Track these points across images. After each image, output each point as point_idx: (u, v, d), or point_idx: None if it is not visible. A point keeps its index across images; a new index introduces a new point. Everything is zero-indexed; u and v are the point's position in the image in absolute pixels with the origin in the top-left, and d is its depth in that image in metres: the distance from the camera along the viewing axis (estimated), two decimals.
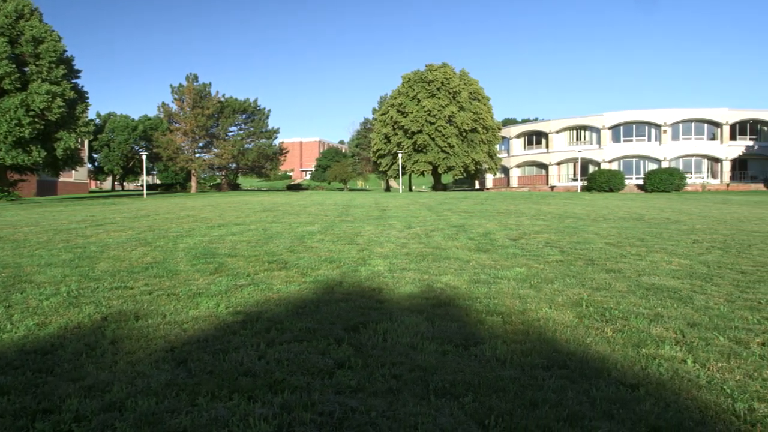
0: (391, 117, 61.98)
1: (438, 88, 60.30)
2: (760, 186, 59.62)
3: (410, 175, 71.92)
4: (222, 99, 72.68)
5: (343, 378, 4.08)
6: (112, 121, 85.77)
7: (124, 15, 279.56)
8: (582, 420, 3.43)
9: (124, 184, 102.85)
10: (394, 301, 6.47)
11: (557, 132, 69.36)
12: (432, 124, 59.23)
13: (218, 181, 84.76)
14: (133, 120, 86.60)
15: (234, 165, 77.77)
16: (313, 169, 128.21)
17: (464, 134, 60.91)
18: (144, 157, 58.50)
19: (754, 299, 6.66)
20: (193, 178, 72.62)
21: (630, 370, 4.29)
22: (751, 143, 63.17)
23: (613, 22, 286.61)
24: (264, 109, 78.81)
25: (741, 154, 62.92)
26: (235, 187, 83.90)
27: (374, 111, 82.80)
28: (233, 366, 4.31)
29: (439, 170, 62.58)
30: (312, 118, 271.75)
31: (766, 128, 64.37)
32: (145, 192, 57.94)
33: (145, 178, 61.33)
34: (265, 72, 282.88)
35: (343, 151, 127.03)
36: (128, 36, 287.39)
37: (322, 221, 17.12)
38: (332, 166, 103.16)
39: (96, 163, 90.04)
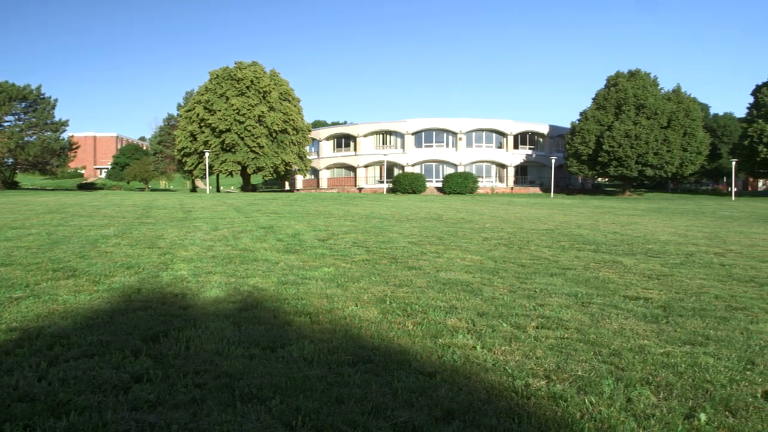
0: (198, 114, 59.19)
1: (248, 87, 59.05)
2: (537, 189, 68.51)
3: (218, 175, 69.47)
4: None
5: (140, 392, 3.79)
6: None
7: None
8: (385, 411, 3.59)
9: None
10: (199, 307, 6.19)
11: (365, 136, 72.15)
12: (241, 123, 57.81)
13: None
14: None
15: (11, 160, 68.19)
16: (110, 167, 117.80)
17: (274, 135, 60.44)
18: None
19: (531, 289, 7.57)
20: None
21: (428, 359, 4.60)
22: (530, 152, 72.03)
23: (415, 30, 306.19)
24: (49, 98, 70.34)
25: (522, 161, 71.42)
26: (12, 185, 73.52)
27: (179, 107, 78.49)
28: (5, 392, 3.76)
29: (249, 171, 61.29)
30: (108, 111, 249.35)
31: (541, 139, 73.88)
32: None
33: None
34: (51, 57, 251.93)
35: (144, 148, 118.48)
36: None
37: (118, 224, 15.79)
38: (132, 164, 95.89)
39: None
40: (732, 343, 5.16)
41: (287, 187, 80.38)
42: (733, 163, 59.47)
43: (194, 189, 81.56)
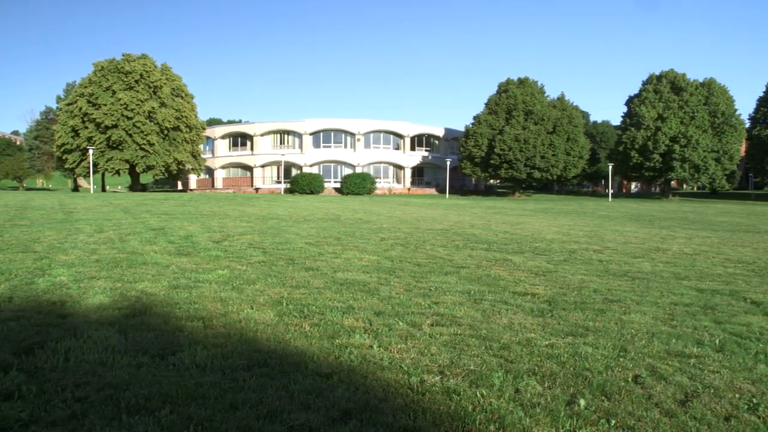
0: (81, 108, 55.27)
1: (137, 81, 55.92)
2: (433, 190, 70.48)
3: (104, 174, 65.35)
4: None
5: (10, 411, 3.48)
6: None
7: None
8: (281, 414, 3.54)
9: None
10: (81, 315, 5.78)
11: (262, 135, 70.80)
12: (129, 119, 54.70)
13: None
14: None
15: None
16: None
17: (166, 132, 57.74)
18: None
19: (426, 287, 7.75)
20: None
21: (325, 360, 4.58)
22: (426, 154, 73.94)
23: (313, 29, 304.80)
24: None
25: (419, 162, 73.16)
26: None
27: (59, 99, 73.06)
28: None
29: (138, 169, 58.14)
30: None
31: (437, 142, 76.05)
32: None
33: None
34: None
35: (18, 143, 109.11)
36: None
37: None
38: (3, 160, 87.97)
39: None
40: (608, 333, 5.58)
41: (180, 187, 77.09)
42: (610, 167, 64.28)
43: (76, 188, 76.13)
